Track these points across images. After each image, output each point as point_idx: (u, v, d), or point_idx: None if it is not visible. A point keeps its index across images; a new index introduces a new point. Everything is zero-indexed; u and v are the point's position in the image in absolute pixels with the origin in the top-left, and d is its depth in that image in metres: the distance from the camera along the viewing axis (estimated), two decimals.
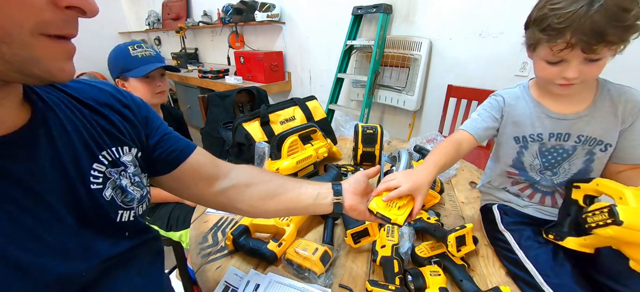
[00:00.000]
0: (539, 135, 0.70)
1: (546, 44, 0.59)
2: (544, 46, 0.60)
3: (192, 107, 3.44)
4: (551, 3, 0.56)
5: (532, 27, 0.62)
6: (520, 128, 0.73)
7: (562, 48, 0.56)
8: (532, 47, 0.65)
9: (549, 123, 0.69)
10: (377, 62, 1.94)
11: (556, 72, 0.61)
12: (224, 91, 1.53)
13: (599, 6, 0.51)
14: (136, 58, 1.05)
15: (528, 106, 0.72)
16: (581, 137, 0.67)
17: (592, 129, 0.66)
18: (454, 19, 1.73)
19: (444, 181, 1.06)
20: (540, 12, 0.58)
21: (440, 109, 1.83)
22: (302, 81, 2.75)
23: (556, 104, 0.69)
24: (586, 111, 0.66)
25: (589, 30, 0.52)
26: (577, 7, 0.52)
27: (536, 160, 0.73)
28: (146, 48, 1.09)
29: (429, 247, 0.72)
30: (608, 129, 0.66)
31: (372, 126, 1.16)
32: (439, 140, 1.30)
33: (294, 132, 1.01)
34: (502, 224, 0.76)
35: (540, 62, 0.64)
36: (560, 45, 0.56)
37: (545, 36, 0.58)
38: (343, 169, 1.03)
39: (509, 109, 0.74)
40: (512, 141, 0.75)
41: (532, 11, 0.62)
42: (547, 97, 0.70)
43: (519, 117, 0.73)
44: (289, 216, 0.75)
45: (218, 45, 3.41)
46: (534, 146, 0.72)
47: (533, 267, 0.64)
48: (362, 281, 0.66)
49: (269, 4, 2.47)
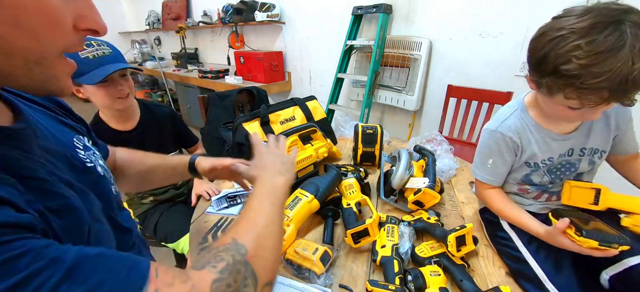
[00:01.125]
0: (550, 159, 0.71)
1: (576, 98, 0.53)
2: (569, 100, 0.55)
3: (192, 107, 3.44)
4: (578, 58, 0.49)
5: (550, 76, 0.55)
6: (531, 156, 0.71)
7: (598, 104, 0.52)
8: (548, 92, 0.58)
9: (556, 145, 0.70)
10: (377, 62, 1.94)
11: (578, 115, 0.58)
12: (224, 91, 1.53)
13: (636, 63, 0.46)
14: (87, 60, 0.85)
15: (533, 135, 0.70)
16: (584, 150, 0.70)
17: (591, 142, 0.69)
18: (454, 19, 1.73)
19: (444, 181, 1.06)
20: (566, 67, 0.51)
21: (440, 109, 1.83)
22: (302, 81, 2.75)
23: (556, 124, 0.69)
24: (584, 125, 0.69)
25: (631, 86, 0.48)
26: (617, 64, 0.46)
27: (545, 177, 0.73)
28: (98, 46, 0.88)
29: (429, 247, 0.72)
30: (604, 138, 0.70)
31: (372, 126, 1.16)
32: (439, 140, 1.30)
33: (294, 132, 1.01)
34: (506, 223, 0.76)
35: (558, 106, 0.59)
36: (595, 102, 0.52)
37: (576, 93, 0.52)
38: (343, 169, 1.03)
39: (520, 145, 0.72)
40: (524, 165, 0.74)
41: (542, 53, 0.55)
42: (548, 117, 0.69)
43: (528, 148, 0.71)
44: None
45: (218, 45, 3.41)
46: (544, 168, 0.72)
47: (537, 265, 0.65)
48: (362, 281, 0.66)
49: (269, 4, 2.47)
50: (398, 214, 0.86)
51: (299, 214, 0.77)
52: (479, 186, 0.80)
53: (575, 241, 0.57)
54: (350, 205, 0.81)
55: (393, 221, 0.79)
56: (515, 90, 1.54)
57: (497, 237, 0.77)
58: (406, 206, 0.88)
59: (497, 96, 1.58)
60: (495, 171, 0.75)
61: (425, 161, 0.97)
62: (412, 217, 0.83)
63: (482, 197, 0.81)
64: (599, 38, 0.47)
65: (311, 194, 0.81)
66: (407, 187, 0.88)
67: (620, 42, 0.46)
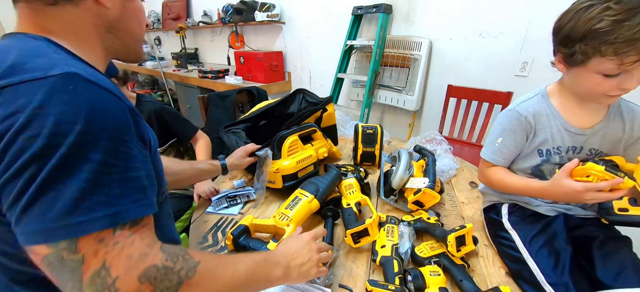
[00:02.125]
0: (559, 148, 0.71)
1: (613, 56, 0.55)
2: (606, 59, 0.56)
3: (192, 107, 3.44)
4: (610, 15, 0.53)
5: (581, 42, 0.57)
6: (543, 142, 0.72)
7: (635, 60, 0.54)
8: (581, 61, 0.60)
9: (568, 137, 0.70)
10: (377, 62, 1.94)
11: (614, 84, 0.58)
12: (224, 91, 1.53)
13: None
14: None
15: (549, 120, 0.71)
16: (592, 151, 0.70)
17: (602, 144, 0.69)
18: (454, 19, 1.73)
19: (444, 181, 1.06)
20: (598, 25, 0.54)
21: (440, 109, 1.82)
22: (302, 81, 2.74)
23: (575, 116, 0.69)
24: (600, 126, 0.69)
25: None
26: None
27: (556, 169, 0.73)
28: None
29: (428, 247, 0.72)
30: (614, 144, 0.69)
31: (372, 126, 1.16)
32: (439, 140, 1.30)
33: (294, 132, 1.01)
34: (509, 223, 0.76)
35: (594, 75, 0.59)
36: (632, 57, 0.54)
37: (612, 48, 0.54)
38: (343, 169, 1.03)
39: (534, 127, 0.72)
40: (535, 154, 0.74)
41: (570, 24, 0.58)
42: (568, 107, 0.69)
43: (542, 132, 0.72)
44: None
45: (218, 45, 3.41)
46: (555, 158, 0.72)
47: (535, 266, 0.65)
48: (362, 280, 0.66)
49: (269, 4, 2.47)
50: (398, 214, 0.86)
51: (299, 214, 0.77)
52: (482, 165, 0.79)
53: (581, 176, 0.56)
54: (350, 205, 0.81)
55: (393, 221, 0.79)
56: (516, 90, 1.54)
57: (498, 237, 0.77)
58: (406, 206, 0.88)
59: (497, 96, 1.58)
60: (502, 150, 0.75)
61: (425, 160, 0.97)
62: (412, 217, 0.83)
63: (483, 176, 0.79)
64: None
65: (311, 194, 0.81)
66: (407, 187, 0.88)
67: None
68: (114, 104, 0.38)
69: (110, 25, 0.47)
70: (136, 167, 0.40)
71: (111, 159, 0.36)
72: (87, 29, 0.45)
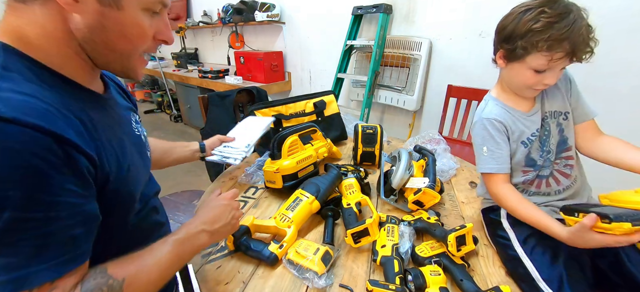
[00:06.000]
0: (532, 134, 0.77)
1: (546, 52, 0.64)
2: (540, 54, 0.65)
3: (192, 107, 3.44)
4: (544, 18, 0.63)
5: (521, 39, 0.67)
6: (521, 134, 0.77)
7: (561, 56, 0.64)
8: (517, 57, 0.70)
9: (528, 122, 0.76)
10: (377, 62, 1.94)
11: (539, 79, 0.69)
12: (224, 91, 1.53)
13: (580, 23, 0.62)
14: None
15: (510, 115, 0.77)
16: (546, 114, 0.78)
17: (549, 105, 0.77)
18: (454, 19, 1.73)
19: (444, 181, 1.06)
20: (536, 25, 0.64)
21: (440, 109, 1.83)
22: (302, 81, 2.75)
23: (520, 102, 0.78)
24: (539, 99, 0.78)
25: (582, 42, 0.63)
26: (569, 22, 0.62)
27: (539, 150, 0.77)
28: None
29: (429, 247, 0.72)
30: (560, 100, 0.77)
31: (372, 126, 1.16)
32: (438, 140, 1.30)
33: (294, 132, 1.01)
34: (507, 222, 0.77)
35: (526, 70, 0.70)
36: (560, 53, 0.63)
37: (546, 45, 0.63)
38: (343, 169, 1.03)
39: (505, 126, 0.77)
40: (521, 146, 0.77)
41: (513, 25, 0.68)
42: (512, 100, 0.78)
43: (514, 127, 0.77)
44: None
45: (218, 45, 3.41)
46: (536, 142, 0.76)
47: (530, 263, 0.66)
48: (363, 280, 0.66)
49: (269, 4, 2.47)
50: (398, 214, 0.86)
51: (300, 215, 0.77)
52: (488, 181, 0.78)
53: (607, 231, 0.54)
54: (351, 205, 0.81)
55: (393, 221, 0.79)
56: None
57: (497, 237, 0.77)
58: (406, 206, 0.88)
59: None
60: (493, 156, 0.76)
61: (425, 160, 0.97)
62: (412, 217, 0.83)
63: (496, 196, 0.77)
64: (556, 5, 0.63)
65: (312, 195, 0.81)
66: (407, 187, 0.88)
67: (570, 8, 0.63)
68: (29, 141, 0.32)
69: (85, 35, 0.41)
70: (62, 217, 0.34)
71: (23, 214, 0.31)
72: (57, 35, 0.40)
